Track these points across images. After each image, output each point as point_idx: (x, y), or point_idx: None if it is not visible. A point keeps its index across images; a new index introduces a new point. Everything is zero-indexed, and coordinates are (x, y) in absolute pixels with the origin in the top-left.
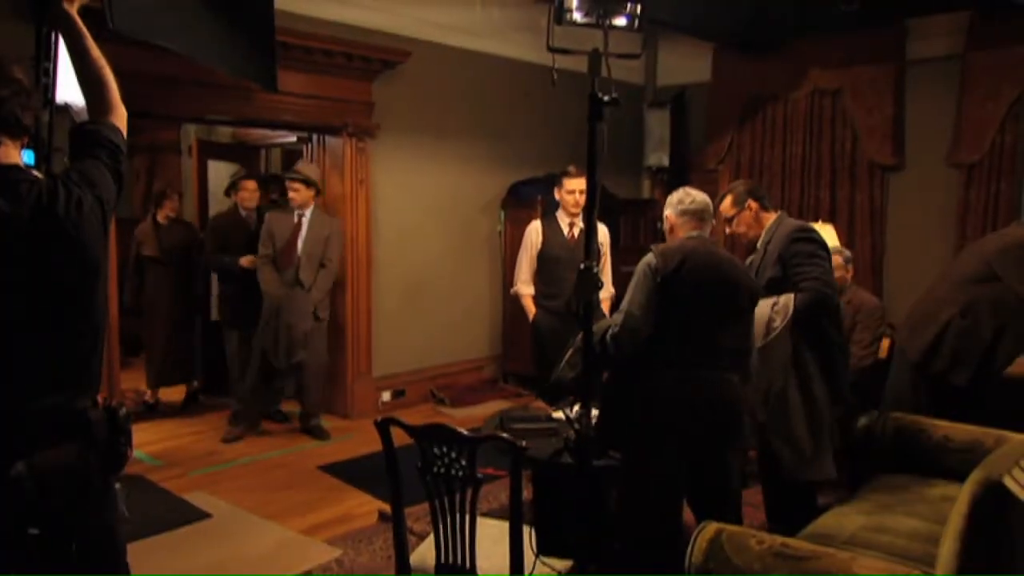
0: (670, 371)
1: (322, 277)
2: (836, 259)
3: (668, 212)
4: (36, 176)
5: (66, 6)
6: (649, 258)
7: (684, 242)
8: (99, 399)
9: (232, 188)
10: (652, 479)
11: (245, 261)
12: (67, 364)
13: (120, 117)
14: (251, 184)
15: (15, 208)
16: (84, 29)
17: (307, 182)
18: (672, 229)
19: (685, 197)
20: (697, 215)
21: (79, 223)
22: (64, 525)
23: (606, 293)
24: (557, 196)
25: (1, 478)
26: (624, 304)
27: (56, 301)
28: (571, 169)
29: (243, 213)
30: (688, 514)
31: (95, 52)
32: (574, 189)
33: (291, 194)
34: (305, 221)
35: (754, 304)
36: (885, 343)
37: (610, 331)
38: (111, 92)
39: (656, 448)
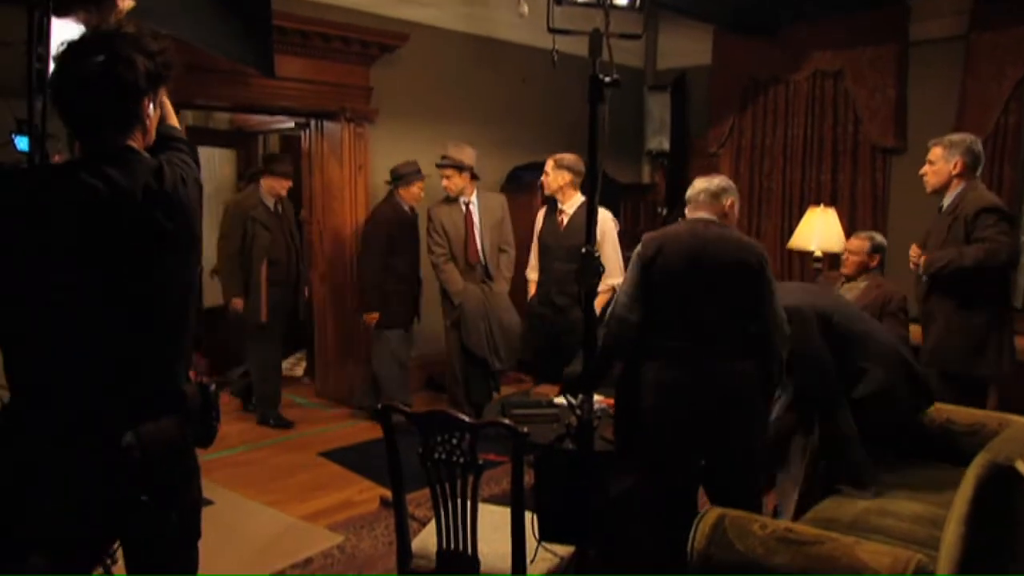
0: (665, 361)
1: (505, 265)
2: (860, 243)
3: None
4: (146, 156)
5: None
6: (638, 246)
7: (674, 226)
8: (191, 375)
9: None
10: (655, 468)
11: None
12: (168, 339)
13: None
14: (422, 183)
15: (130, 183)
16: None
17: (459, 167)
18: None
19: (690, 185)
20: (692, 201)
21: (184, 200)
22: (167, 495)
23: (604, 285)
24: None
25: (114, 448)
26: (616, 294)
27: (164, 276)
28: None
29: (406, 208)
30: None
31: None
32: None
33: (444, 182)
34: (474, 209)
35: (759, 277)
36: None
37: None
38: (167, 108)
39: (654, 439)
